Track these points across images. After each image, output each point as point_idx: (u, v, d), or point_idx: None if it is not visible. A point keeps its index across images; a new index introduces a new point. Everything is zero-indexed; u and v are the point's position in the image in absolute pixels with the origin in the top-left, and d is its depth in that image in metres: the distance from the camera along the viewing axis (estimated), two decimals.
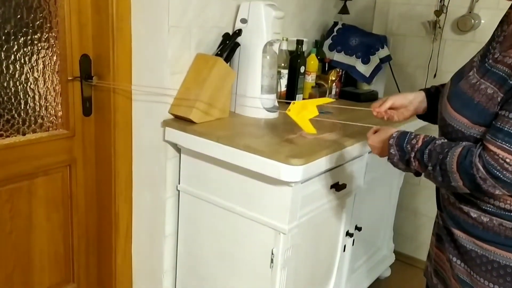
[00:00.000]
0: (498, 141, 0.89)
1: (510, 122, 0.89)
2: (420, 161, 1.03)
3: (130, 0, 1.62)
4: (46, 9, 1.55)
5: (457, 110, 1.00)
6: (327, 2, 2.36)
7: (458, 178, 0.95)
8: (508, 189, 0.91)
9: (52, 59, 1.60)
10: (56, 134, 1.67)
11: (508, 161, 0.88)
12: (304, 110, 1.33)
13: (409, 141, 1.06)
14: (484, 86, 0.96)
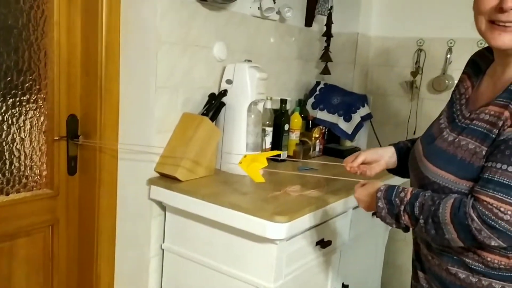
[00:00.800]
0: (490, 191, 0.90)
1: (499, 172, 0.90)
2: (410, 214, 1.02)
3: (119, 62, 1.68)
4: (36, 72, 1.59)
5: (440, 167, 1.02)
6: (309, 63, 2.46)
7: (453, 230, 0.94)
8: (503, 239, 0.90)
9: (40, 119, 1.63)
10: (40, 193, 1.66)
11: (503, 210, 0.88)
12: (254, 162, 1.38)
13: (397, 194, 1.05)
14: (465, 142, 0.99)
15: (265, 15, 2.01)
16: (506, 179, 0.89)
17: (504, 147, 0.91)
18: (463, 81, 1.15)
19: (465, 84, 1.14)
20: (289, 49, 2.31)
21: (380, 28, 2.56)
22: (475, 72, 1.13)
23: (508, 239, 0.91)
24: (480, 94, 1.07)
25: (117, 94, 1.69)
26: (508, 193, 0.89)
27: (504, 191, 0.89)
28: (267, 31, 2.13)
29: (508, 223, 0.88)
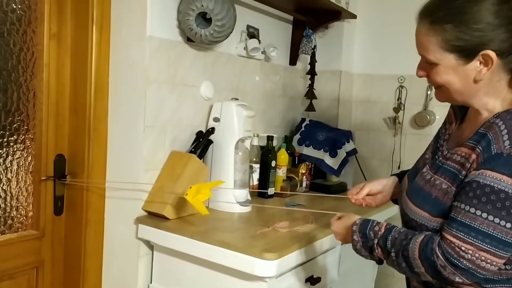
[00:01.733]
0: (453, 230, 0.94)
1: (462, 212, 0.94)
2: (383, 247, 1.04)
3: (107, 102, 1.70)
4: (24, 112, 1.61)
5: (418, 205, 1.05)
6: (294, 100, 2.52)
7: (420, 265, 0.97)
8: (466, 277, 0.93)
9: (27, 159, 1.62)
10: (25, 235, 1.64)
11: (464, 249, 0.91)
12: (199, 193, 1.44)
13: (371, 228, 1.08)
14: (439, 181, 1.02)
15: (250, 55, 2.07)
16: (468, 220, 0.92)
17: (468, 188, 0.94)
18: (450, 115, 1.18)
19: (451, 119, 1.17)
20: (275, 87, 2.36)
21: (362, 66, 2.64)
22: (459, 108, 1.15)
23: (471, 277, 0.93)
24: (460, 132, 1.10)
25: (105, 133, 1.71)
26: (468, 233, 0.92)
27: (465, 230, 0.92)
28: (253, 70, 2.19)
29: (469, 261, 0.91)
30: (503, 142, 0.93)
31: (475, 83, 0.98)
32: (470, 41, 0.94)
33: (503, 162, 0.91)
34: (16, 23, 1.56)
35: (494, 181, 0.91)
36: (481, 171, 0.93)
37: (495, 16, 0.93)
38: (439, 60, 0.99)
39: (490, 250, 0.91)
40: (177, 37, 1.73)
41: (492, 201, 0.90)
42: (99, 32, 1.66)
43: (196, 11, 1.63)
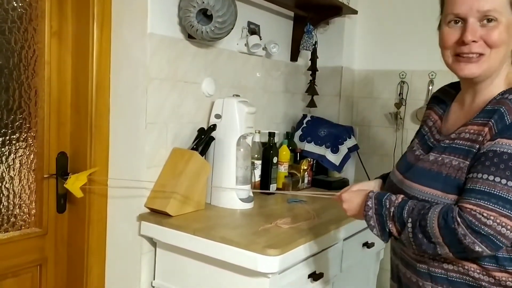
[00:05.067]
0: (472, 199, 0.95)
1: (480, 181, 0.96)
2: (398, 217, 1.04)
3: (109, 99, 1.70)
4: (26, 110, 1.61)
5: (428, 185, 1.06)
6: (296, 97, 2.52)
7: (439, 234, 0.97)
8: (486, 244, 0.93)
9: (29, 157, 1.63)
10: (28, 232, 1.64)
11: (486, 215, 0.93)
12: (77, 181, 1.59)
13: (388, 197, 1.08)
14: (448, 160, 1.04)
15: (251, 51, 2.07)
16: (487, 188, 0.95)
17: (484, 158, 0.97)
18: (430, 115, 1.25)
19: (432, 118, 1.23)
20: (276, 83, 2.36)
21: (363, 61, 2.63)
22: (441, 107, 1.22)
23: (491, 244, 0.94)
24: (452, 123, 1.14)
25: (107, 130, 1.71)
26: (489, 200, 0.93)
27: (485, 198, 0.94)
28: (254, 66, 2.19)
29: (490, 228, 0.92)
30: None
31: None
32: None
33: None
34: (17, 21, 1.56)
35: (510, 148, 0.94)
36: (497, 140, 0.96)
37: None
38: (503, 16, 1.01)
39: (511, 216, 0.92)
40: (178, 34, 1.73)
41: (510, 167, 0.93)
42: (100, 30, 1.66)
43: (197, 8, 1.63)
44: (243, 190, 1.81)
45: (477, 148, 1.00)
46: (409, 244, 1.04)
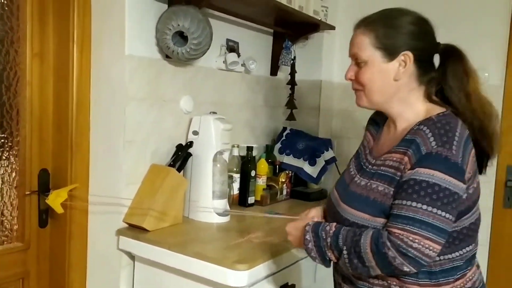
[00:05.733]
0: (399, 224, 1.04)
1: (405, 207, 1.05)
2: (334, 246, 1.12)
3: (89, 118, 1.77)
4: (8, 130, 1.66)
5: (358, 209, 1.16)
6: (276, 110, 2.59)
7: (372, 259, 1.06)
8: (414, 265, 1.03)
9: (11, 175, 1.68)
10: (11, 247, 1.69)
11: (411, 239, 1.02)
12: (58, 197, 1.67)
13: (323, 228, 1.17)
14: (375, 185, 1.15)
15: (230, 68, 2.14)
16: (411, 213, 1.04)
17: (407, 186, 1.07)
18: (366, 136, 1.38)
19: (368, 138, 1.36)
20: (256, 97, 2.43)
21: (342, 75, 2.70)
22: (375, 128, 1.35)
23: (417, 265, 1.04)
24: (381, 145, 1.26)
25: (88, 148, 1.77)
26: (414, 224, 1.03)
27: (410, 223, 1.04)
28: (234, 82, 2.25)
29: (416, 250, 1.02)
30: (430, 143, 1.07)
31: (395, 80, 1.16)
32: (395, 41, 1.15)
33: (433, 159, 1.05)
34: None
35: (428, 177, 1.04)
36: (416, 170, 1.06)
37: (418, 28, 1.17)
38: (369, 57, 1.17)
39: (432, 238, 1.03)
40: (156, 54, 1.80)
41: (429, 194, 1.03)
42: (80, 51, 1.72)
43: (172, 30, 1.69)
44: (219, 204, 1.87)
45: (400, 176, 1.10)
46: (346, 269, 1.13)
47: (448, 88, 1.19)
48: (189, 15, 1.69)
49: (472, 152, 1.12)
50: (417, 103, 1.19)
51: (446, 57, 1.19)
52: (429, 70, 1.19)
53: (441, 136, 1.07)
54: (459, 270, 1.16)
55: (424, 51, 1.17)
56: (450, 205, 1.04)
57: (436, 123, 1.11)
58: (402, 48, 1.15)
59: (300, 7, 2.25)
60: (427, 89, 1.20)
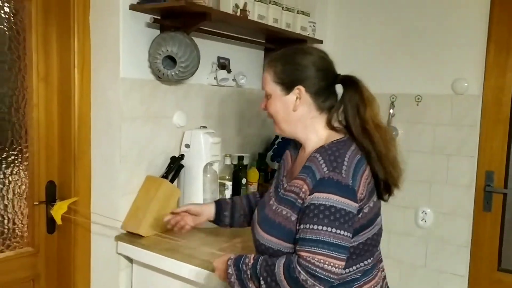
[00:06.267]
0: (306, 247, 1.15)
1: (308, 231, 1.15)
2: (254, 276, 1.21)
3: (90, 135, 1.95)
4: (18, 147, 1.86)
5: (268, 232, 1.28)
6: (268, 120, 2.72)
7: (286, 285, 1.15)
8: (323, 284, 1.13)
9: (21, 187, 1.88)
10: (22, 252, 1.89)
11: (317, 259, 1.12)
12: (60, 209, 1.85)
13: (243, 261, 1.26)
14: (281, 210, 1.26)
15: (220, 84, 2.30)
16: (314, 236, 1.14)
17: (308, 211, 1.17)
18: (286, 157, 1.47)
19: (287, 159, 1.46)
20: (248, 108, 2.59)
21: None
22: (294, 150, 1.45)
23: (326, 283, 1.14)
24: (295, 168, 1.35)
25: (89, 162, 1.96)
26: (317, 246, 1.13)
27: (314, 245, 1.14)
28: (226, 96, 2.42)
29: (323, 269, 1.12)
30: (323, 169, 1.18)
31: (294, 111, 1.30)
32: (290, 77, 1.30)
33: (326, 184, 1.16)
34: (8, 72, 1.81)
35: (324, 200, 1.15)
36: (314, 195, 1.17)
37: (312, 64, 1.30)
38: (271, 91, 1.34)
39: (335, 256, 1.13)
40: (149, 76, 1.97)
41: (327, 216, 1.14)
42: (80, 75, 1.91)
43: (162, 55, 1.86)
44: None
45: (300, 202, 1.21)
46: None
47: (347, 115, 1.28)
48: (177, 41, 1.85)
49: (364, 174, 1.22)
50: (320, 130, 1.31)
51: (345, 86, 1.31)
52: (328, 100, 1.30)
53: (331, 162, 1.18)
54: (357, 281, 1.27)
55: (319, 84, 1.29)
56: (346, 224, 1.15)
57: (327, 150, 1.22)
58: (296, 82, 1.29)
59: (287, 25, 2.40)
60: (328, 117, 1.31)
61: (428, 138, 2.53)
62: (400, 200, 2.59)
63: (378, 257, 1.37)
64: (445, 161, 2.49)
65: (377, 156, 1.25)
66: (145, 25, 1.91)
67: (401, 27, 2.58)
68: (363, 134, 1.26)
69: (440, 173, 2.50)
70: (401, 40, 2.59)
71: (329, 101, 1.31)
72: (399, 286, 2.66)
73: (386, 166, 1.26)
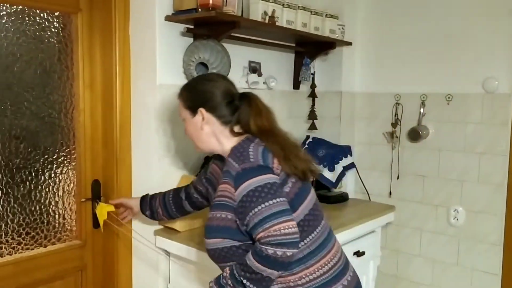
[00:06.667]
0: (259, 229, 1.26)
1: (253, 217, 1.27)
2: (236, 283, 1.30)
3: (130, 138, 2.11)
4: (67, 148, 2.05)
5: (209, 238, 1.39)
6: (300, 120, 2.82)
7: (263, 267, 1.25)
8: (292, 247, 1.25)
9: (70, 185, 2.07)
10: (71, 244, 2.08)
11: (273, 230, 1.24)
12: (101, 215, 1.94)
13: (222, 276, 1.36)
14: (215, 214, 1.39)
15: (251, 88, 2.41)
16: (259, 216, 1.27)
17: (242, 203, 1.31)
18: (214, 170, 1.66)
19: (216, 171, 1.63)
20: (280, 110, 2.68)
21: (363, 85, 2.90)
22: (220, 162, 1.60)
23: (293, 245, 1.26)
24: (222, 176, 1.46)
25: (130, 162, 2.12)
26: (266, 222, 1.25)
27: (263, 222, 1.26)
28: None
29: (283, 234, 1.24)
30: (235, 166, 1.36)
31: (202, 130, 1.49)
32: (193, 101, 1.51)
33: (242, 175, 1.33)
34: (58, 80, 2.00)
35: (248, 187, 1.30)
36: (238, 190, 1.32)
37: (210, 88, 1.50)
38: (184, 116, 1.55)
39: (284, 219, 1.26)
40: (184, 82, 2.08)
41: (258, 196, 1.28)
42: (121, 82, 2.07)
43: (195, 62, 1.99)
44: None
45: (233, 202, 1.34)
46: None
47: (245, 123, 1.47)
48: (209, 48, 1.98)
49: (275, 160, 1.37)
50: (228, 140, 1.49)
51: (242, 101, 1.50)
52: (230, 115, 1.48)
53: (239, 158, 1.37)
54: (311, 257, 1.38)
55: (218, 104, 1.48)
56: (276, 192, 1.30)
57: (234, 151, 1.41)
58: (198, 106, 1.49)
59: (316, 28, 2.48)
60: (231, 127, 1.49)
61: (459, 137, 2.54)
62: (432, 198, 2.64)
63: (325, 234, 1.46)
64: (477, 160, 2.49)
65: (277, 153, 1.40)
66: (179, 34, 2.05)
67: (430, 26, 2.60)
68: (262, 136, 1.44)
69: (471, 172, 2.51)
70: (430, 39, 2.61)
71: (231, 116, 1.49)
72: (432, 283, 2.68)
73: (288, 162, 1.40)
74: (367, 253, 2.41)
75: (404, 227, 2.77)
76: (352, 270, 1.53)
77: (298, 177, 1.42)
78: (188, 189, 1.82)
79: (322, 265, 1.40)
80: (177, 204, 1.82)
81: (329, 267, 1.42)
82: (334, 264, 1.44)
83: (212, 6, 1.85)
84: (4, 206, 1.85)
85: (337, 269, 1.44)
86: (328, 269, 1.41)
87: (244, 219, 1.31)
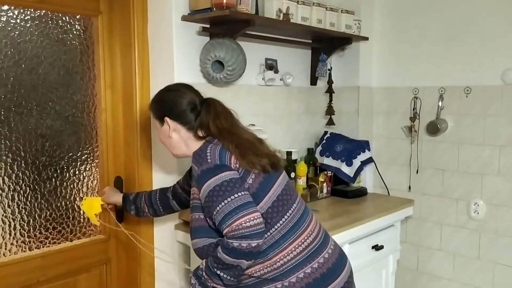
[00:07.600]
0: (224, 225, 1.32)
1: (217, 214, 1.35)
2: (212, 275, 1.37)
3: (150, 136, 2.18)
4: (90, 146, 2.13)
5: (193, 238, 1.51)
6: (318, 115, 2.85)
7: (232, 259, 1.32)
8: (256, 237, 1.30)
9: (93, 182, 2.15)
10: (96, 239, 2.16)
11: (236, 225, 1.30)
12: (92, 208, 1.94)
13: (199, 268, 1.44)
14: (192, 216, 1.51)
15: (268, 84, 2.44)
16: (223, 212, 1.33)
17: (206, 204, 1.39)
18: (188, 173, 1.76)
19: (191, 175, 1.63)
20: (298, 105, 2.71)
21: (380, 80, 2.90)
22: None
23: (258, 235, 1.31)
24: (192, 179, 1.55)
25: (150, 160, 2.19)
26: (229, 218, 1.31)
27: (227, 219, 1.32)
28: (274, 94, 2.56)
29: (246, 228, 1.30)
30: (195, 169, 1.44)
31: (170, 138, 1.57)
32: (159, 111, 1.59)
33: (202, 176, 1.41)
34: (80, 81, 2.08)
35: (209, 187, 1.38)
36: (201, 191, 1.41)
37: (172, 99, 1.59)
38: (155, 125, 1.64)
39: (247, 212, 1.32)
40: (201, 79, 2.16)
41: (218, 194, 1.36)
42: (141, 82, 2.13)
43: (211, 60, 2.04)
44: None
45: (200, 202, 1.44)
46: (234, 282, 1.39)
47: (206, 126, 1.54)
48: (224, 46, 2.03)
49: (232, 157, 1.43)
50: (194, 144, 1.55)
51: (202, 106, 1.57)
52: (193, 120, 1.55)
53: (198, 160, 1.45)
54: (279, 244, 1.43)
55: (181, 112, 1.55)
56: (235, 187, 1.36)
57: (194, 155, 1.48)
58: (164, 115, 1.57)
59: (331, 24, 2.50)
60: (195, 132, 1.56)
61: (479, 130, 2.52)
62: (452, 192, 2.63)
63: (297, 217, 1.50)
64: (497, 153, 2.46)
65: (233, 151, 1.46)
66: (195, 33, 2.10)
67: (447, 19, 2.58)
68: (220, 137, 1.50)
69: (491, 165, 2.48)
70: (447, 32, 2.59)
71: (194, 121, 1.56)
72: (453, 277, 2.67)
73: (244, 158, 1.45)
74: (386, 247, 2.42)
75: (424, 221, 2.76)
76: (333, 244, 1.57)
77: (259, 170, 1.47)
78: (175, 189, 1.89)
79: (296, 246, 1.45)
80: (164, 204, 1.90)
81: (304, 247, 1.46)
82: (310, 243, 1.48)
83: (226, 5, 1.90)
84: (32, 202, 1.95)
85: (314, 247, 1.48)
86: (302, 249, 1.46)
87: (211, 218, 1.39)
